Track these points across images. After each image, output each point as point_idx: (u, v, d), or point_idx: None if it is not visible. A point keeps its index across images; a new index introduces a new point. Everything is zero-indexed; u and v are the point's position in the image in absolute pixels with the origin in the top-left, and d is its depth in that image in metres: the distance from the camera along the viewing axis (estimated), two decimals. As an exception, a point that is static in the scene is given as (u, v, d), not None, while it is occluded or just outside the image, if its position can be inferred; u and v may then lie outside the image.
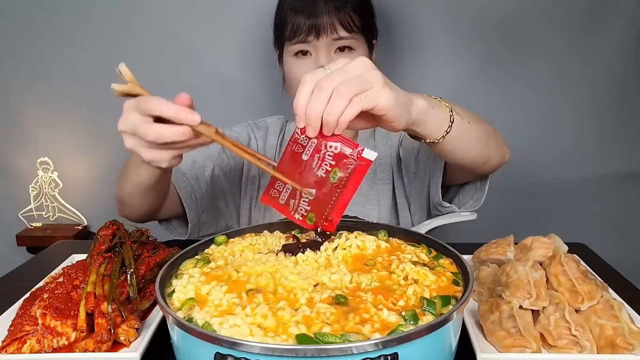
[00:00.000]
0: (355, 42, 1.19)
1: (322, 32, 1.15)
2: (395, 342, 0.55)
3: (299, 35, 1.16)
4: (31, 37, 1.79)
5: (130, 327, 0.76)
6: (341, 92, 0.66)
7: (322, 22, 1.14)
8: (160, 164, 0.74)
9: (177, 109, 0.68)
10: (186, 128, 0.68)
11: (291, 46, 1.19)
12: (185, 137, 0.69)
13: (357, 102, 0.66)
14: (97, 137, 1.89)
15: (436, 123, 0.81)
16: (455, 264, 0.77)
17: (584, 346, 0.71)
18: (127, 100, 0.72)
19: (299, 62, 1.20)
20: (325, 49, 1.17)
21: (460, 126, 0.85)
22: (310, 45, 1.17)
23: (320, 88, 0.66)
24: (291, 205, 0.76)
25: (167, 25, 1.75)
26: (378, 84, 0.68)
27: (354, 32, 1.17)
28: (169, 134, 0.69)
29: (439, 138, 0.82)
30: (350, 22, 1.16)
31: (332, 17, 1.14)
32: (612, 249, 1.26)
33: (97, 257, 0.89)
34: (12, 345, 0.74)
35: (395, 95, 0.69)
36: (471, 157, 0.94)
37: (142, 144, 0.71)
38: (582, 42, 1.71)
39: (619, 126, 1.82)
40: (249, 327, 0.60)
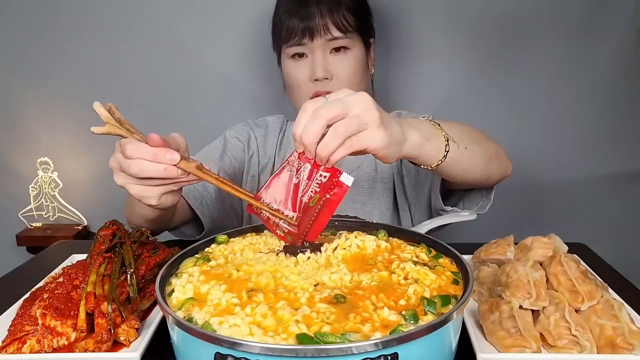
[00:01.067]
0: (351, 42, 1.19)
1: (315, 34, 1.16)
2: (395, 342, 0.55)
3: (294, 37, 1.17)
4: (31, 37, 1.79)
5: (130, 327, 0.76)
6: (337, 132, 0.68)
7: (315, 24, 1.15)
8: (149, 200, 0.77)
9: (153, 152, 0.72)
10: (168, 165, 0.72)
11: (287, 49, 1.21)
12: (168, 173, 0.72)
13: (349, 145, 0.69)
14: (97, 137, 1.86)
15: (430, 154, 0.83)
16: (455, 264, 0.77)
17: (584, 346, 0.71)
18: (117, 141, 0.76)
19: (296, 64, 1.21)
20: (320, 50, 1.17)
21: (457, 153, 0.86)
22: (305, 48, 1.18)
23: (316, 115, 0.68)
24: (272, 221, 0.80)
25: (167, 25, 1.75)
26: (373, 125, 0.70)
27: (349, 32, 1.18)
28: (150, 169, 0.72)
29: (434, 166, 0.84)
30: (344, 22, 1.17)
31: (326, 19, 1.15)
32: (612, 249, 1.26)
33: (97, 257, 0.89)
34: (12, 345, 0.74)
35: (388, 136, 0.71)
36: (471, 178, 0.97)
37: (130, 180, 0.75)
38: (582, 42, 1.71)
39: (619, 126, 1.81)
40: (248, 327, 0.60)
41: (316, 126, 0.68)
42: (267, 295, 0.68)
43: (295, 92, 1.24)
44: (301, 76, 1.21)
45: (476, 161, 0.93)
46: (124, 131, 0.74)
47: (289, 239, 0.80)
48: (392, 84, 1.71)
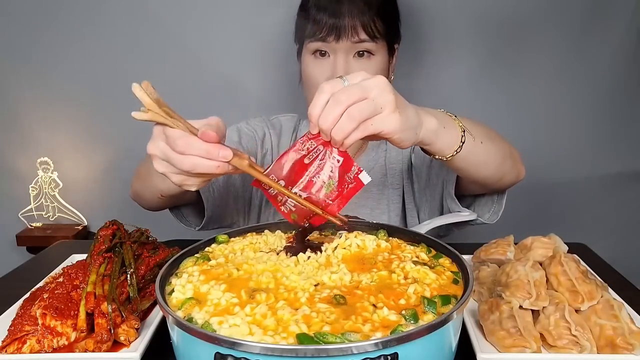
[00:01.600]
0: (376, 47, 1.16)
1: (342, 34, 1.12)
2: (395, 342, 0.55)
3: (319, 34, 1.13)
4: (31, 37, 1.79)
5: (130, 327, 0.76)
6: (352, 116, 0.67)
7: (345, 24, 1.12)
8: (190, 187, 0.75)
9: (207, 149, 0.68)
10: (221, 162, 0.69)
11: (310, 44, 1.17)
12: (220, 170, 0.70)
13: (363, 128, 0.69)
14: (97, 137, 1.89)
15: (446, 143, 0.82)
16: (455, 264, 0.77)
17: (584, 346, 0.71)
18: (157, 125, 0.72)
19: (316, 62, 1.18)
20: (344, 52, 1.15)
21: (472, 146, 0.85)
22: (329, 46, 1.15)
23: (335, 101, 0.68)
24: (279, 198, 0.79)
25: (169, 24, 1.74)
26: (388, 109, 0.69)
27: (376, 38, 1.15)
28: (204, 167, 0.69)
29: (448, 156, 0.83)
30: (373, 26, 1.14)
31: (355, 20, 1.12)
32: (612, 249, 1.26)
33: (97, 257, 0.89)
34: (12, 345, 0.74)
35: (403, 120, 0.71)
36: (484, 175, 0.95)
37: (173, 170, 0.72)
38: (582, 42, 1.71)
39: (619, 126, 1.81)
40: (248, 327, 0.60)
41: (336, 112, 0.67)
42: (268, 295, 0.68)
43: (312, 91, 1.19)
44: (320, 75, 1.18)
45: (491, 157, 0.92)
46: (168, 120, 0.69)
47: (292, 217, 0.78)
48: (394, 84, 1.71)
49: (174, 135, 0.69)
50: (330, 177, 0.74)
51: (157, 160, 0.73)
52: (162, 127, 0.70)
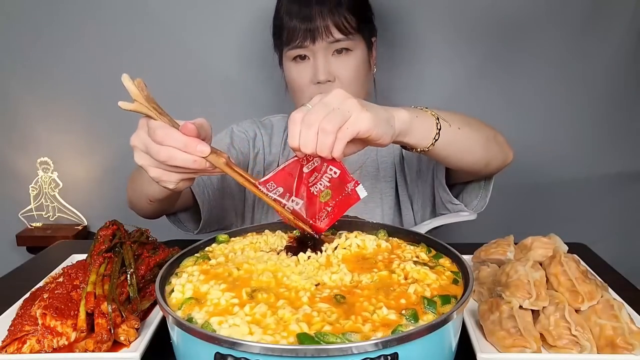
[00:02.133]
0: (353, 43, 1.18)
1: (317, 36, 1.14)
2: (395, 342, 0.55)
3: (295, 40, 1.16)
4: (31, 37, 1.79)
5: (130, 327, 0.76)
6: (326, 130, 0.70)
7: (317, 26, 1.14)
8: (167, 184, 0.76)
9: (185, 141, 0.70)
10: (198, 157, 0.71)
11: (289, 51, 1.19)
12: (197, 165, 0.71)
13: (342, 136, 0.71)
14: (97, 137, 1.89)
15: (422, 132, 0.83)
16: (455, 264, 0.77)
17: (584, 346, 0.71)
18: (142, 118, 0.73)
19: (297, 66, 1.20)
20: (322, 52, 1.16)
21: (450, 133, 0.86)
22: (307, 50, 1.17)
23: (307, 125, 0.70)
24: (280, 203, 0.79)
25: (168, 24, 1.74)
26: (356, 110, 0.72)
27: (350, 34, 1.16)
28: (180, 159, 0.70)
29: (428, 146, 0.84)
30: (346, 23, 1.15)
31: (327, 20, 1.14)
32: (612, 249, 1.26)
33: (97, 257, 0.89)
34: (12, 345, 0.75)
35: (373, 116, 0.73)
36: (469, 162, 0.96)
37: (152, 163, 0.73)
38: (582, 42, 1.71)
39: (619, 126, 1.81)
40: (248, 326, 0.60)
41: (311, 134, 0.70)
42: (268, 294, 0.68)
43: (298, 95, 1.23)
44: (303, 79, 1.20)
45: (472, 143, 0.93)
46: (152, 112, 0.71)
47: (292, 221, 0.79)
48: (392, 84, 1.71)
49: (155, 125, 0.71)
50: (326, 187, 0.75)
51: (138, 152, 0.74)
52: (146, 120, 0.72)
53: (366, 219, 0.94)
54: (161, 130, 0.70)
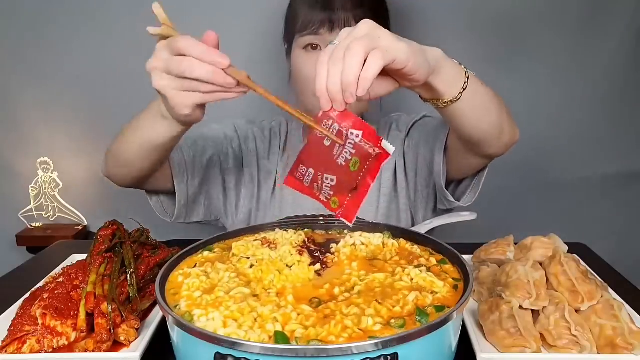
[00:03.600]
0: None
1: (336, 26, 1.12)
2: (395, 342, 0.55)
3: (311, 27, 1.13)
4: (31, 37, 1.79)
5: (130, 327, 0.76)
6: (353, 51, 0.63)
7: (338, 17, 1.12)
8: (184, 109, 0.74)
9: (205, 50, 0.69)
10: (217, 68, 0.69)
11: (301, 38, 1.16)
12: (216, 77, 0.69)
13: (379, 56, 0.63)
14: (97, 137, 1.89)
15: (453, 75, 0.79)
16: (455, 264, 0.77)
17: (584, 346, 0.71)
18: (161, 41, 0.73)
19: (308, 55, 1.16)
20: None
21: (476, 84, 0.82)
22: (321, 39, 1.14)
23: (334, 61, 0.64)
24: (315, 188, 0.75)
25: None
26: (389, 39, 0.66)
27: None
28: (200, 70, 0.69)
29: (457, 95, 0.79)
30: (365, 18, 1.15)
31: (348, 13, 1.12)
32: (612, 249, 1.26)
33: (97, 257, 0.89)
34: (12, 345, 0.74)
35: (409, 47, 0.67)
36: (487, 127, 0.90)
37: (171, 83, 0.72)
38: (581, 42, 1.71)
39: (619, 126, 1.81)
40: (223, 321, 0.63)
41: (338, 69, 0.64)
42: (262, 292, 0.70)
43: (302, 86, 1.19)
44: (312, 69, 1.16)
45: (491, 102, 0.88)
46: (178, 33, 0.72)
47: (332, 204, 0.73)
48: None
49: (177, 39, 0.70)
50: (352, 155, 0.70)
51: (156, 74, 0.72)
52: (167, 41, 0.72)
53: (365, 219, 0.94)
54: (184, 40, 0.69)
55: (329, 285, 0.72)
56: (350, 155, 0.69)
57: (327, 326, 0.61)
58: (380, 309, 0.65)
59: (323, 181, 0.73)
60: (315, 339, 0.59)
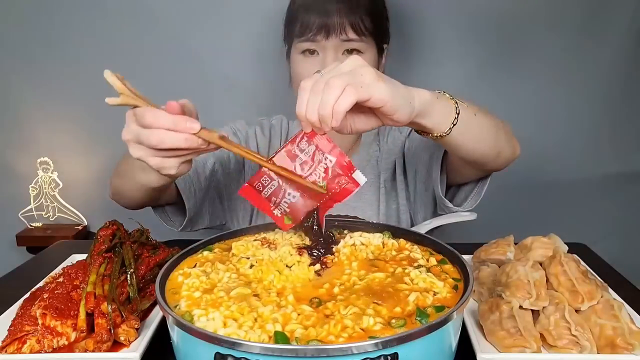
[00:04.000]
0: (364, 46, 1.17)
1: (331, 32, 1.13)
2: (395, 342, 0.55)
3: (308, 33, 1.14)
4: (31, 37, 1.79)
5: (130, 327, 0.76)
6: (332, 84, 0.66)
7: (333, 22, 1.12)
8: (169, 170, 0.74)
9: (173, 120, 0.68)
10: (189, 135, 0.69)
11: (299, 43, 1.17)
12: (189, 143, 0.69)
13: (352, 92, 0.66)
14: (97, 137, 1.89)
15: (442, 114, 0.80)
16: (455, 264, 0.77)
17: (584, 346, 0.71)
18: (129, 110, 0.72)
19: (305, 60, 1.18)
20: (333, 49, 1.15)
21: (467, 117, 0.83)
22: (318, 45, 1.16)
23: (315, 92, 0.67)
24: (272, 202, 0.77)
25: (169, 24, 1.74)
26: (371, 77, 0.68)
27: (364, 36, 1.15)
28: (171, 140, 0.69)
29: (447, 130, 0.81)
30: (361, 24, 1.14)
31: (343, 18, 1.12)
32: (612, 249, 1.26)
33: (97, 257, 0.89)
34: (12, 345, 0.74)
35: (390, 88, 0.69)
36: (482, 152, 0.92)
37: (149, 153, 0.71)
38: (581, 43, 1.71)
39: (619, 126, 1.81)
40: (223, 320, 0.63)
41: (317, 99, 0.67)
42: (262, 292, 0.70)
43: None
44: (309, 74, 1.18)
45: (487, 127, 0.90)
46: (140, 101, 0.69)
47: (287, 221, 0.77)
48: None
49: (142, 110, 0.69)
50: (322, 178, 0.73)
51: (132, 145, 0.72)
52: (132, 111, 0.71)
53: (365, 219, 0.94)
54: (149, 113, 0.68)
55: (329, 285, 0.72)
56: (320, 177, 0.73)
57: (326, 326, 0.61)
58: (380, 309, 0.65)
59: (285, 196, 0.75)
60: (315, 338, 0.59)
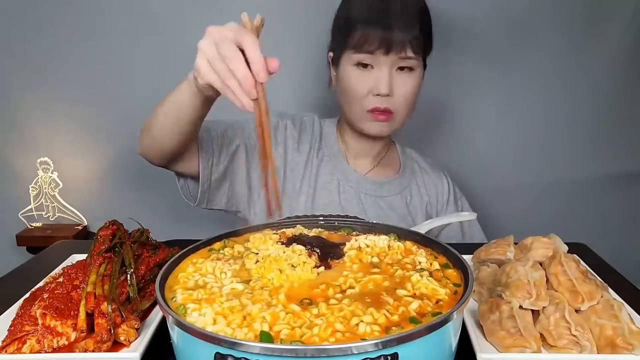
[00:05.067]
0: (416, 63, 1.18)
1: (392, 49, 1.12)
2: (395, 342, 0.55)
3: (368, 47, 1.13)
4: (31, 37, 1.79)
5: (130, 327, 0.76)
6: None
7: (394, 38, 1.12)
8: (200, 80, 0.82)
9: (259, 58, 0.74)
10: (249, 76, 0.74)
11: (354, 55, 1.17)
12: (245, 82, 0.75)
13: None
14: (97, 137, 1.89)
15: None
16: (455, 264, 0.77)
17: (584, 346, 0.71)
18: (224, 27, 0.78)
19: (360, 73, 1.18)
20: (389, 65, 1.15)
21: None
22: (375, 59, 1.15)
23: None
24: None
25: (169, 25, 1.74)
26: None
27: (419, 54, 1.17)
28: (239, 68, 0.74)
29: None
30: (419, 43, 1.15)
31: (404, 35, 1.12)
32: (612, 249, 1.26)
33: (97, 257, 0.89)
34: (12, 345, 0.74)
35: None
36: None
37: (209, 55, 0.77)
38: (582, 42, 1.71)
39: (619, 126, 1.81)
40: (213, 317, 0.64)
41: None
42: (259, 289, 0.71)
43: (353, 102, 1.21)
44: (363, 88, 1.18)
45: None
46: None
47: None
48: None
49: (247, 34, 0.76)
50: None
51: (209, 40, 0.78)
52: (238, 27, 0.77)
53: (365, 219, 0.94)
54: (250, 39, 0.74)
55: (325, 285, 0.71)
56: None
57: (316, 328, 0.61)
58: (377, 316, 0.63)
59: None
60: (299, 340, 0.59)
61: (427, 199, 1.36)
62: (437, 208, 1.37)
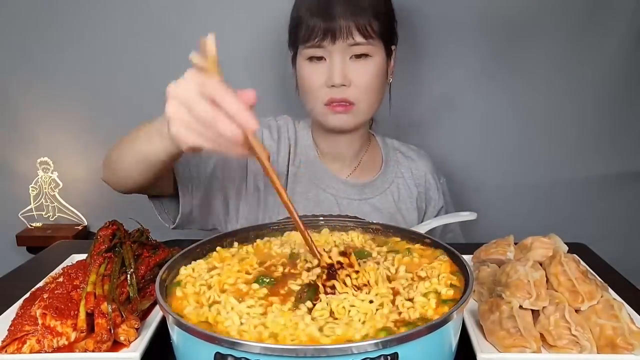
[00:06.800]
0: (372, 49, 1.15)
1: (338, 37, 1.10)
2: (395, 342, 0.55)
3: (314, 39, 1.12)
4: (31, 37, 1.79)
5: (130, 327, 0.76)
6: None
7: (339, 26, 1.10)
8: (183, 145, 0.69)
9: (239, 109, 0.63)
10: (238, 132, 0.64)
11: (305, 50, 1.15)
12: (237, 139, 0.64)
13: None
14: (97, 137, 1.89)
15: None
16: (455, 264, 0.77)
17: (584, 346, 0.71)
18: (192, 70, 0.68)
19: (312, 66, 1.16)
20: (340, 54, 1.12)
21: None
22: (325, 50, 1.13)
23: None
24: None
25: (169, 25, 1.74)
26: None
27: (371, 39, 1.13)
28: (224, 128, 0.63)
29: None
30: (369, 27, 1.12)
31: (349, 22, 1.10)
32: (612, 249, 1.26)
33: (97, 257, 0.89)
34: (12, 345, 0.74)
35: None
36: None
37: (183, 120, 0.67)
38: (582, 41, 1.71)
39: (619, 126, 1.81)
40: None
41: None
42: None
43: (309, 96, 1.19)
44: (317, 80, 1.16)
45: None
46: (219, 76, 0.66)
47: None
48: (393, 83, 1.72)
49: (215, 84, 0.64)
50: None
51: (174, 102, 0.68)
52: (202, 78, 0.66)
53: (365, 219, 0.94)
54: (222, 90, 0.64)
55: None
56: None
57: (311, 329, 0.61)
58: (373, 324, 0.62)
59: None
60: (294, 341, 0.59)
61: (416, 192, 1.33)
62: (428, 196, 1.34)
